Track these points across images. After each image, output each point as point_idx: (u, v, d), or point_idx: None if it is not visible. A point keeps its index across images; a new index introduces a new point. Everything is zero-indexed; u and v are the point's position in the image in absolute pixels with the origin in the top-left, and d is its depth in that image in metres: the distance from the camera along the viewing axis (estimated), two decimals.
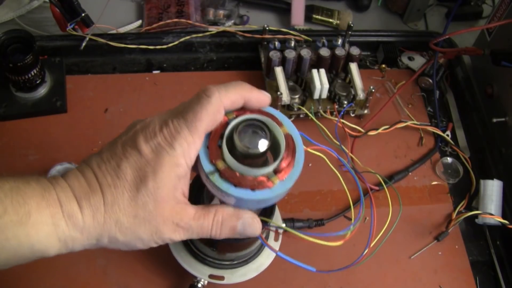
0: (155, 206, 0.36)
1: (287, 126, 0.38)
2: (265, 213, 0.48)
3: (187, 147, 0.36)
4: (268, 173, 0.36)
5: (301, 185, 0.65)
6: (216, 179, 0.36)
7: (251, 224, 0.39)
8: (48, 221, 0.35)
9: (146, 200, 0.36)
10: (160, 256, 0.57)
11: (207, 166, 0.37)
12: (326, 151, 0.45)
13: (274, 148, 0.39)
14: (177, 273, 0.56)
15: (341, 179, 0.49)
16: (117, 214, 0.36)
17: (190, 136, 0.36)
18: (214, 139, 0.37)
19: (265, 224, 0.45)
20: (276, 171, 0.36)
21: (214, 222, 0.38)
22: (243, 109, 0.39)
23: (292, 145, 0.38)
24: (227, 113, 0.38)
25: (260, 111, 0.39)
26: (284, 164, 0.37)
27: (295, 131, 0.39)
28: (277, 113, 0.39)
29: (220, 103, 0.37)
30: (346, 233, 0.42)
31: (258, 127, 0.37)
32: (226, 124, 0.38)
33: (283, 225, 0.51)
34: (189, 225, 0.37)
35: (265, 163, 0.39)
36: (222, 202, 0.40)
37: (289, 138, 0.38)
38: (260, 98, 0.39)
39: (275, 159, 0.38)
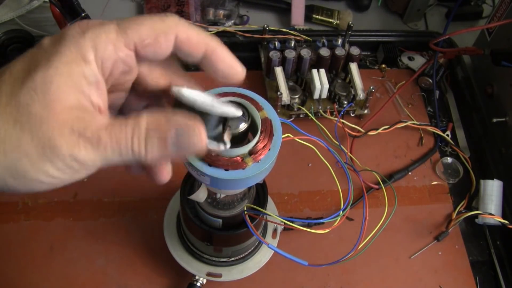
0: (44, 105, 0.25)
1: (267, 111, 0.39)
2: (259, 202, 0.49)
3: (105, 44, 0.26)
4: (243, 154, 0.37)
5: (301, 185, 0.65)
6: (191, 157, 0.37)
7: (189, 131, 0.27)
8: None
9: (31, 96, 0.25)
10: (159, 255, 0.57)
11: None
12: (317, 142, 0.46)
13: (253, 131, 0.39)
14: (176, 272, 0.56)
15: (332, 172, 0.49)
16: None
17: (114, 34, 0.27)
18: None
19: (257, 213, 0.46)
20: (251, 153, 0.37)
21: (135, 133, 0.26)
22: (224, 94, 0.39)
23: (270, 129, 0.38)
24: None
25: (240, 95, 0.39)
26: (259, 147, 0.37)
27: (275, 116, 0.39)
28: (258, 97, 0.40)
29: (174, 27, 0.28)
30: (335, 220, 0.43)
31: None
32: None
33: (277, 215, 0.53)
34: (98, 136, 0.26)
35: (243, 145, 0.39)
36: (200, 184, 0.42)
37: (267, 121, 0.38)
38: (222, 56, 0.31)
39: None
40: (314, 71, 0.69)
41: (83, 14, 0.67)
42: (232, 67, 0.31)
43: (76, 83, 0.26)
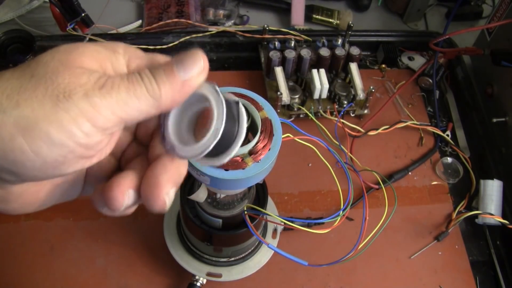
0: (63, 62, 0.26)
1: (267, 111, 0.39)
2: (259, 202, 0.49)
3: (133, 51, 0.28)
4: (243, 154, 0.37)
5: (301, 185, 0.65)
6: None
7: (189, 53, 0.27)
8: None
9: (53, 56, 0.26)
10: (159, 255, 0.57)
11: None
12: (317, 142, 0.46)
13: (253, 131, 0.39)
14: (177, 272, 0.56)
15: (332, 172, 0.50)
16: (4, 83, 0.25)
17: (144, 52, 0.29)
18: None
19: (257, 213, 0.47)
20: (251, 153, 0.37)
21: (143, 72, 0.27)
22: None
23: (270, 129, 0.38)
24: None
25: (241, 95, 0.39)
26: (259, 147, 0.37)
27: (275, 116, 0.39)
28: (258, 97, 0.40)
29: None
30: (335, 220, 0.43)
31: None
32: None
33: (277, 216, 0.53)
34: (112, 81, 0.26)
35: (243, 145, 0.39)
36: (200, 184, 0.42)
37: (267, 122, 0.38)
38: None
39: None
40: (314, 71, 0.69)
41: (83, 14, 0.67)
42: None
43: (101, 60, 0.27)
